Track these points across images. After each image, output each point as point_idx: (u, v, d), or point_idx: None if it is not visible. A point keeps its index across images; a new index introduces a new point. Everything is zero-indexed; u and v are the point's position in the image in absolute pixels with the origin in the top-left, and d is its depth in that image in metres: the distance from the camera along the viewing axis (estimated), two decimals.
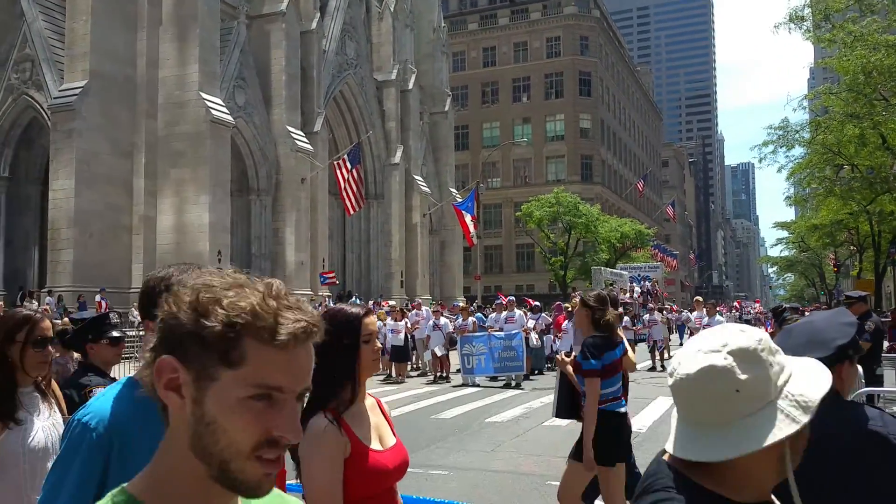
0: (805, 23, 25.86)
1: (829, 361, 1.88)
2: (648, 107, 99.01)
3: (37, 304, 21.88)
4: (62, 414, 2.66)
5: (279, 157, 32.64)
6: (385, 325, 19.15)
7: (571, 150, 67.78)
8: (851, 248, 47.02)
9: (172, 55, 28.26)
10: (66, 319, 15.31)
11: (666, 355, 21.68)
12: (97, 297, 23.17)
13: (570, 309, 17.52)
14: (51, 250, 26.43)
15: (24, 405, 2.49)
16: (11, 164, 29.41)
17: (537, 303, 20.79)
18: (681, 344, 21.70)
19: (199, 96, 27.73)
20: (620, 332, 5.17)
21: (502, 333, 16.67)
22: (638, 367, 19.85)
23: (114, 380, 3.88)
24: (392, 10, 42.30)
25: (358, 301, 32.04)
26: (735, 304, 61.54)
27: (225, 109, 28.84)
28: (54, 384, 2.79)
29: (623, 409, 4.89)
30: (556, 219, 49.01)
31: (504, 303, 18.26)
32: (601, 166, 70.16)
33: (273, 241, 32.66)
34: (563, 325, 16.91)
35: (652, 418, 11.14)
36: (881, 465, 1.89)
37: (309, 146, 33.53)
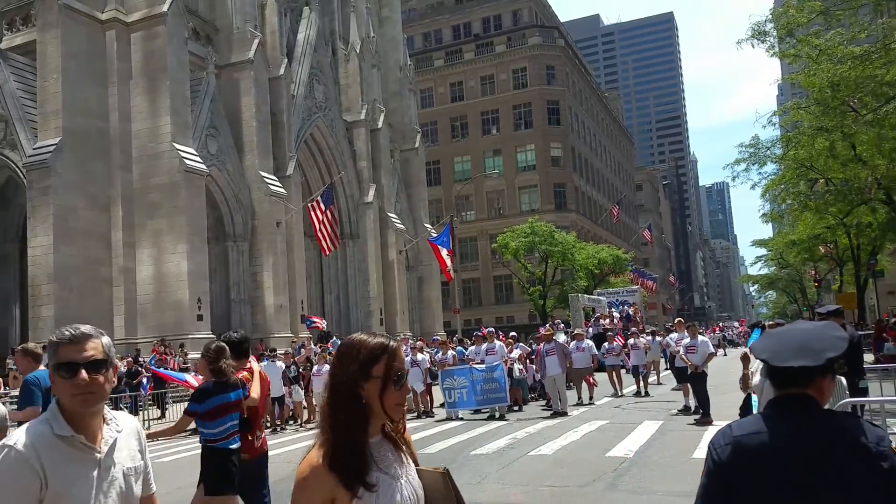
0: (768, 38, 26.30)
1: (814, 371, 1.98)
2: (619, 132, 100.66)
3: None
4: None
5: (254, 203, 32.91)
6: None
7: (544, 179, 68.70)
8: (831, 262, 47.61)
9: (144, 108, 28.62)
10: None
11: (651, 379, 21.87)
12: None
13: (548, 333, 17.89)
14: (32, 307, 26.38)
15: (377, 461, 2.00)
16: None
17: (513, 333, 21.01)
18: (666, 367, 21.68)
19: (172, 147, 28.05)
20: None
21: (483, 366, 16.73)
22: (624, 391, 20.11)
23: None
24: (358, 51, 43.05)
25: (337, 341, 32.17)
26: (714, 327, 62.24)
27: (198, 158, 29.15)
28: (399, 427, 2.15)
29: (234, 446, 5.37)
30: (532, 248, 49.52)
31: (483, 334, 18.43)
32: (575, 193, 71.08)
33: (252, 286, 32.78)
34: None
35: (638, 443, 11.29)
36: (865, 473, 1.87)
37: (282, 190, 33.85)
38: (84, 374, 2.12)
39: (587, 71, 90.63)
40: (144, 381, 21.28)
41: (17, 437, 2.06)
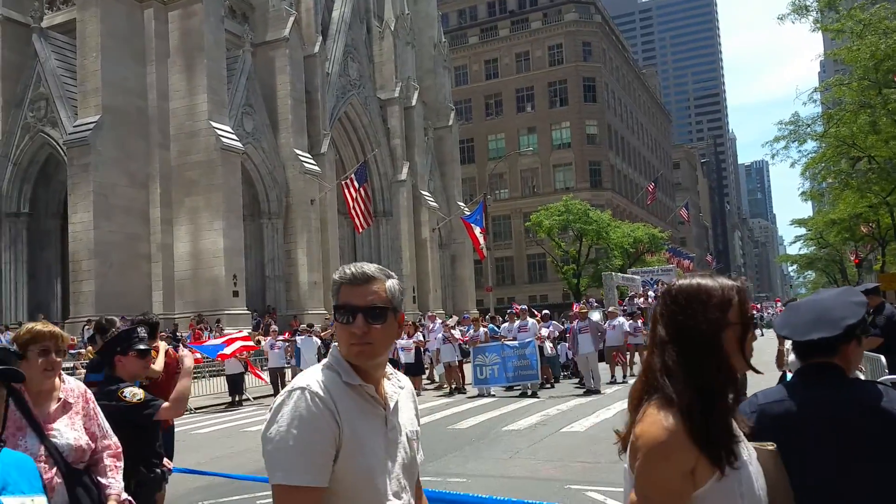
0: (810, 13, 25.62)
1: (836, 340, 1.96)
2: (656, 109, 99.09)
3: None
4: None
5: (288, 180, 33.18)
6: (397, 341, 19.59)
7: (579, 157, 68.02)
8: (873, 241, 46.55)
9: (182, 86, 28.95)
10: (90, 349, 15.78)
11: None
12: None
13: (581, 311, 17.80)
14: (72, 282, 27.05)
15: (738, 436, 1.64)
16: (31, 200, 30.14)
17: (545, 311, 20.95)
18: None
19: (209, 125, 28.37)
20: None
21: (515, 342, 16.76)
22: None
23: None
24: (392, 28, 42.90)
25: None
26: (753, 306, 61.37)
27: (234, 136, 29.45)
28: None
29: None
30: (566, 227, 49.16)
31: (516, 312, 18.40)
32: (610, 172, 70.29)
33: (286, 263, 33.15)
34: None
35: None
36: (890, 440, 1.84)
37: (317, 168, 34.05)
38: (361, 320, 1.82)
39: (624, 47, 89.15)
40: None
41: (309, 380, 1.79)
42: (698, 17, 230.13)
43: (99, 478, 3.13)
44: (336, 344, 1.90)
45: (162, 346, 6.33)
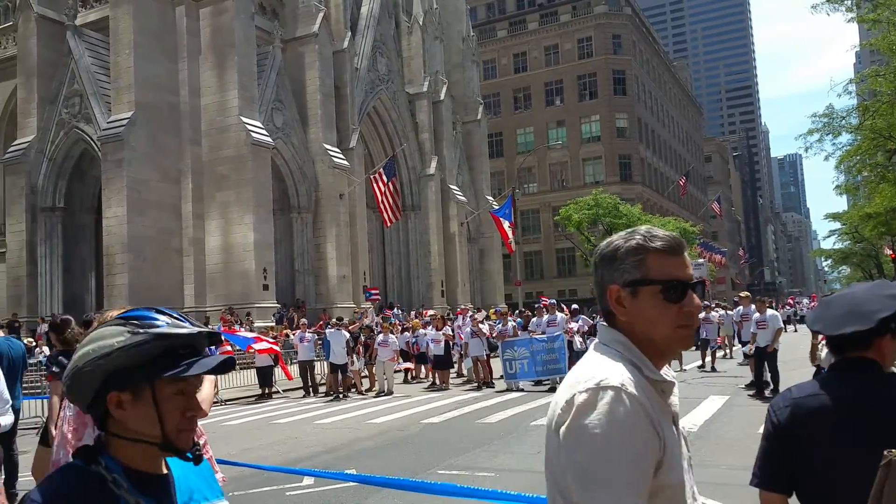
0: (844, 2, 25.09)
1: (869, 334, 1.94)
2: (687, 102, 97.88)
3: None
4: None
5: (317, 175, 33.38)
6: (426, 334, 19.67)
7: (609, 150, 67.45)
8: None
9: (213, 82, 29.25)
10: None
11: (722, 354, 21.43)
12: None
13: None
14: (106, 275, 27.51)
15: None
16: (66, 195, 30.67)
17: (574, 305, 20.87)
18: (739, 343, 20.93)
19: (239, 120, 28.64)
20: None
21: (544, 337, 16.72)
22: (685, 367, 19.67)
23: None
24: (421, 23, 42.87)
25: (399, 311, 32.54)
26: (788, 300, 60.46)
27: (264, 132, 29.69)
28: None
29: None
30: (595, 221, 48.81)
31: (545, 306, 18.30)
32: (640, 165, 69.62)
33: (315, 257, 33.37)
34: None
35: (703, 417, 11.14)
36: None
37: (345, 162, 34.20)
38: (696, 297, 1.53)
39: (654, 39, 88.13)
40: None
41: (618, 375, 1.43)
42: (730, 7, 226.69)
43: None
44: (616, 332, 1.53)
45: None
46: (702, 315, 19.12)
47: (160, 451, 1.40)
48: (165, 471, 1.46)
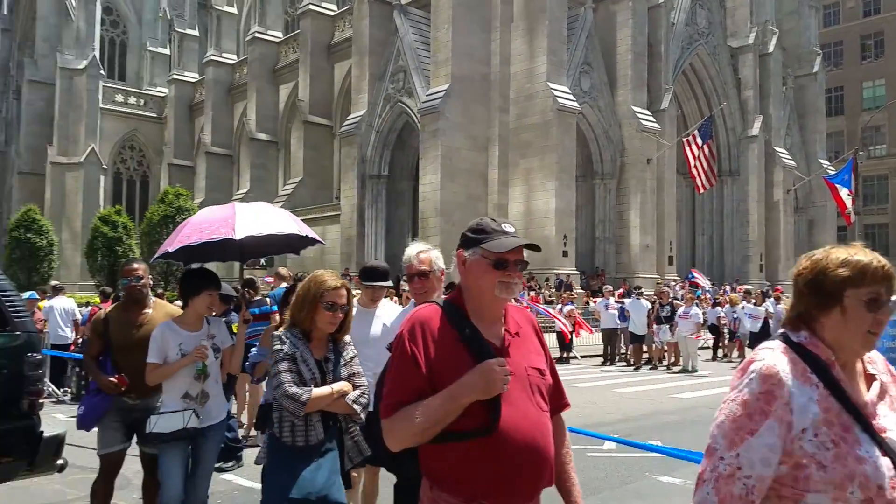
0: None
1: None
2: None
3: None
4: None
5: (623, 139, 32.27)
6: (743, 306, 18.98)
7: None
8: None
9: (523, 50, 29.62)
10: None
11: None
12: None
13: None
14: (421, 237, 29.63)
15: None
16: (390, 164, 33.67)
17: None
18: None
19: (546, 87, 28.67)
20: None
21: None
22: None
23: None
24: None
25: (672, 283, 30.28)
26: None
27: (571, 97, 29.38)
28: None
29: None
30: None
31: None
32: None
33: (617, 225, 32.47)
34: None
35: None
36: None
37: (655, 125, 32.53)
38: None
39: None
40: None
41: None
42: None
43: None
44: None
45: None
46: None
47: None
48: None
